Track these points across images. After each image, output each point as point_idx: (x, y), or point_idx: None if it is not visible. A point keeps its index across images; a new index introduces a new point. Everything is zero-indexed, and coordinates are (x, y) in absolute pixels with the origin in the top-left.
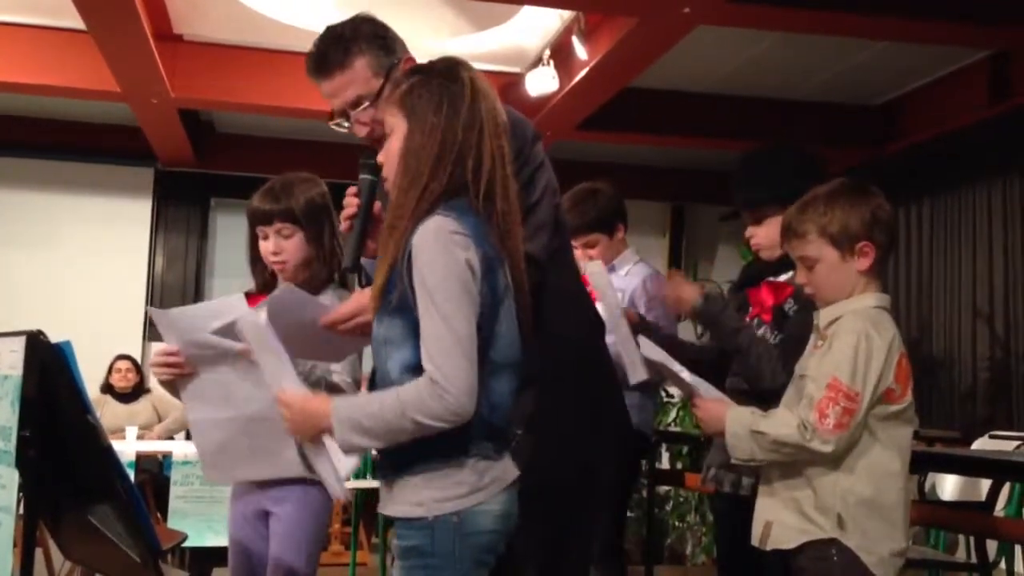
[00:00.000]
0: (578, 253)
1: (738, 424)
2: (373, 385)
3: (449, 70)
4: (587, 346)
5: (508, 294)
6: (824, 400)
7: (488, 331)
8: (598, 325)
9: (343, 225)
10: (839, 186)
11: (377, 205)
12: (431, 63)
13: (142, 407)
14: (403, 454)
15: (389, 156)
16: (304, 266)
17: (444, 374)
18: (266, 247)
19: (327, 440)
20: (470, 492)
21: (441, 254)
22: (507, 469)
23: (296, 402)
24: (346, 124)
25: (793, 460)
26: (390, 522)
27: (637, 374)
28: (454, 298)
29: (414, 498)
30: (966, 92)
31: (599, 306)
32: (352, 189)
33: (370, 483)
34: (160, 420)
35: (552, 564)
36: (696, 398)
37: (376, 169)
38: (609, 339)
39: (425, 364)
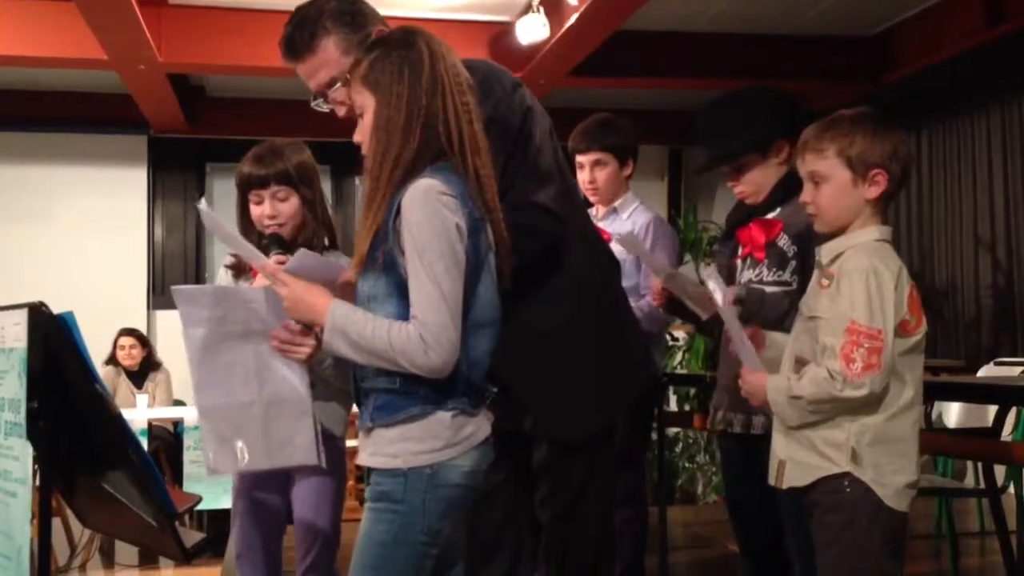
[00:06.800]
0: (584, 174)
1: (777, 393)
2: None
3: (405, 39)
4: (605, 292)
5: (489, 254)
6: (847, 345)
7: (470, 291)
8: (613, 266)
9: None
10: (867, 113)
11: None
12: (387, 36)
13: (151, 393)
14: (384, 405)
15: (365, 134)
16: (300, 230)
17: (431, 331)
18: (260, 211)
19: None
20: (445, 447)
21: (431, 215)
22: (480, 426)
23: (298, 287)
24: (325, 105)
25: (838, 413)
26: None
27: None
28: (443, 258)
29: (391, 449)
30: (961, 18)
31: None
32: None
33: None
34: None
35: (572, 513)
36: (742, 370)
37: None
38: (626, 283)
39: (413, 320)
